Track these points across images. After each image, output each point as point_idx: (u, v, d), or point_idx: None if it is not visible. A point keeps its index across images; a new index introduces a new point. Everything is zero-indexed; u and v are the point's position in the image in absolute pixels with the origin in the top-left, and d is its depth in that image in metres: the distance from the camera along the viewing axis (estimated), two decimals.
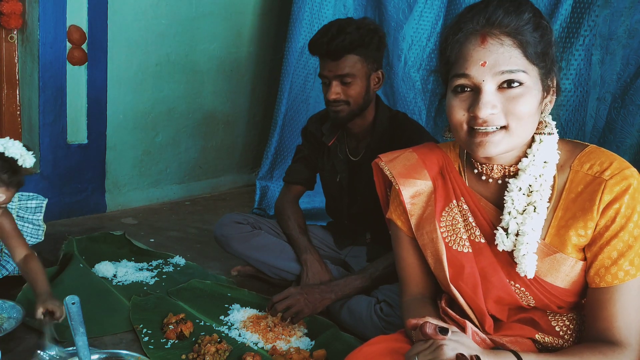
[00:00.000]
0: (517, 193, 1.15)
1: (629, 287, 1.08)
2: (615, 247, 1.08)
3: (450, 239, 1.23)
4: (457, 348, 1.00)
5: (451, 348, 0.99)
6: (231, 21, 3.49)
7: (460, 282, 1.20)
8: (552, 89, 1.15)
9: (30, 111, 2.86)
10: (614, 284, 1.09)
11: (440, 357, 0.98)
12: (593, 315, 1.12)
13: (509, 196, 1.15)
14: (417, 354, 1.01)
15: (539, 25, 1.09)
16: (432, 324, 1.03)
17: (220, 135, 3.67)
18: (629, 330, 1.08)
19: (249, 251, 2.20)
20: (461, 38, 1.11)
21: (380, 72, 2.02)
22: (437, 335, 1.01)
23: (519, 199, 1.15)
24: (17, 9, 2.72)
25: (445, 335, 1.01)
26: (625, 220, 1.07)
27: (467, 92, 1.11)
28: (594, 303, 1.12)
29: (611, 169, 1.09)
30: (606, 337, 1.09)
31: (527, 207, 1.14)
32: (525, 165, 1.14)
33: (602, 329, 1.10)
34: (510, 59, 1.07)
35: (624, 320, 1.08)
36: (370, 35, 1.94)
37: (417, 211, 1.27)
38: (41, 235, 2.24)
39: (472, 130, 1.11)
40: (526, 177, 1.14)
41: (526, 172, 1.14)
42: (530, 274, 1.13)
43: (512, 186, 1.15)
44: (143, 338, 1.78)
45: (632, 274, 1.07)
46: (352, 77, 1.94)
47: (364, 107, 2.01)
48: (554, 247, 1.14)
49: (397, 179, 1.28)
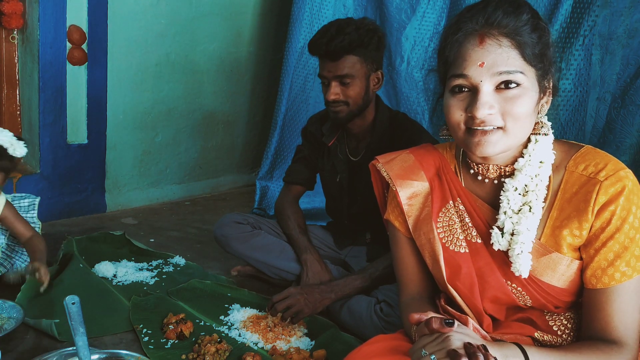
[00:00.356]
0: (513, 193, 1.15)
1: (626, 288, 1.09)
2: (612, 249, 1.09)
3: (447, 239, 1.24)
4: (464, 338, 1.00)
5: (458, 338, 0.99)
6: (231, 21, 3.49)
7: (457, 282, 1.21)
8: (549, 90, 1.16)
9: (30, 111, 2.86)
10: (611, 285, 1.09)
11: (449, 347, 0.98)
12: (590, 316, 1.13)
13: (505, 196, 1.16)
14: (423, 347, 1.00)
15: (537, 26, 1.10)
16: (438, 317, 1.03)
17: (220, 135, 3.67)
18: (626, 330, 1.09)
19: (249, 251, 2.20)
20: (460, 38, 1.11)
21: (380, 72, 2.02)
22: (444, 328, 1.01)
23: (514, 199, 1.15)
24: (18, 9, 2.72)
25: (452, 327, 1.01)
26: (621, 222, 1.08)
27: (465, 92, 1.12)
28: (591, 304, 1.12)
29: (606, 170, 1.10)
30: (603, 336, 1.10)
31: (523, 207, 1.15)
32: (521, 165, 1.15)
33: (599, 329, 1.10)
34: (508, 60, 1.07)
35: (621, 320, 1.09)
36: (369, 36, 1.93)
37: (414, 212, 1.28)
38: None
39: (470, 130, 1.12)
40: (522, 177, 1.15)
41: (522, 172, 1.15)
42: (524, 274, 1.14)
43: (508, 186, 1.16)
44: (143, 338, 1.78)
45: (628, 275, 1.08)
46: (351, 77, 1.94)
47: (364, 108, 2.01)
48: (549, 246, 1.15)
49: (394, 181, 1.29)
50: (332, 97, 1.96)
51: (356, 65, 1.94)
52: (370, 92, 2.01)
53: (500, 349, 1.04)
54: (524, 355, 1.04)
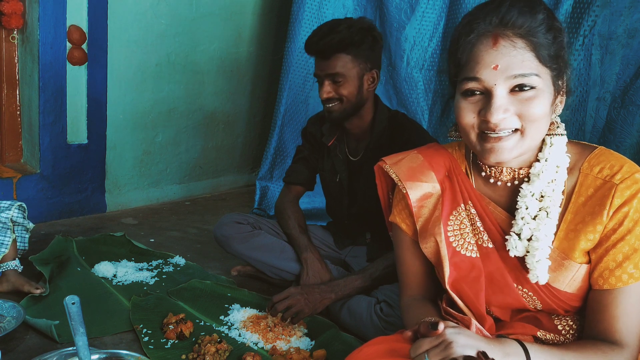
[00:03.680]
0: (531, 198, 1.12)
1: (632, 290, 1.08)
2: (621, 250, 1.07)
3: (457, 242, 1.21)
4: (465, 346, 0.98)
5: (460, 345, 0.97)
6: (231, 21, 3.49)
7: (464, 285, 1.19)
8: (563, 90, 1.13)
9: (30, 111, 2.86)
10: (617, 286, 1.08)
11: (450, 355, 0.96)
12: (594, 317, 1.11)
13: (523, 202, 1.13)
14: (426, 352, 0.99)
15: (552, 26, 1.07)
16: (426, 322, 1.01)
17: (220, 135, 3.67)
18: (629, 333, 1.08)
19: (249, 251, 2.20)
20: (473, 39, 1.07)
21: (375, 72, 2.00)
22: (431, 332, 0.99)
23: (532, 205, 1.12)
24: (18, 8, 2.71)
25: (437, 331, 0.99)
26: (633, 224, 1.06)
27: (478, 95, 1.08)
28: (596, 305, 1.11)
29: (622, 173, 1.08)
30: (606, 337, 1.09)
31: (540, 213, 1.12)
32: (538, 170, 1.12)
33: (602, 330, 1.09)
34: (522, 63, 1.04)
35: (625, 322, 1.08)
36: (361, 34, 1.92)
37: (424, 214, 1.24)
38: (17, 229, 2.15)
39: (484, 135, 1.08)
40: (539, 182, 1.12)
41: (539, 177, 1.12)
42: (542, 280, 1.12)
43: (525, 191, 1.13)
44: (143, 338, 1.78)
45: (635, 277, 1.07)
46: (343, 76, 1.94)
47: (358, 107, 2.01)
48: (561, 251, 1.13)
49: (403, 182, 1.25)
50: (324, 95, 1.97)
51: (348, 64, 1.93)
52: (365, 92, 2.00)
53: (502, 346, 1.02)
54: (525, 352, 1.02)
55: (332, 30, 1.91)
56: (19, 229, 2.12)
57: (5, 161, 2.93)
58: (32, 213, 2.59)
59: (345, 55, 1.93)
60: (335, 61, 1.93)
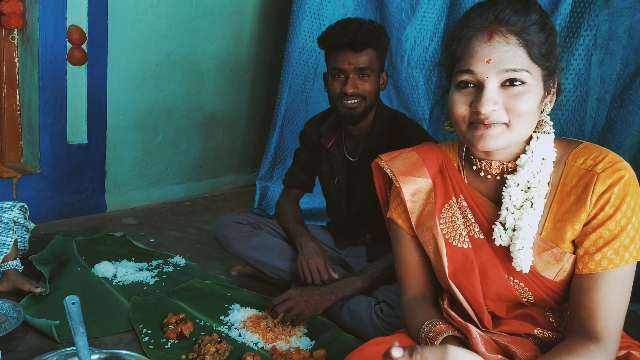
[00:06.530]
0: (515, 189, 1.16)
1: (612, 276, 1.09)
2: (601, 235, 1.10)
3: (450, 235, 1.25)
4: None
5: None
6: (231, 21, 3.49)
7: (460, 276, 1.22)
8: (553, 90, 1.17)
9: (30, 111, 2.86)
10: (597, 271, 1.10)
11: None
12: (576, 303, 1.13)
13: (507, 192, 1.17)
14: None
15: (545, 26, 1.11)
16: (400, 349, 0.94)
17: (220, 136, 3.67)
18: (609, 321, 1.08)
19: (249, 251, 2.20)
20: (468, 33, 1.12)
21: (385, 72, 2.03)
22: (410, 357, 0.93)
23: (516, 195, 1.16)
24: (18, 8, 2.71)
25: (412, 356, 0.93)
26: (614, 210, 1.09)
27: (471, 88, 1.13)
28: (577, 290, 1.13)
29: (604, 162, 1.11)
30: (588, 327, 1.08)
31: (525, 203, 1.15)
32: (523, 162, 1.16)
33: (584, 317, 1.09)
34: (514, 58, 1.08)
35: (606, 309, 1.08)
36: (384, 34, 1.97)
37: (417, 209, 1.29)
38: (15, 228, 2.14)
39: (473, 124, 1.13)
40: (524, 173, 1.15)
41: (524, 168, 1.15)
42: (525, 269, 1.14)
43: (510, 182, 1.17)
44: (143, 338, 1.78)
45: (615, 263, 1.08)
46: (370, 71, 1.95)
47: (373, 107, 2.02)
48: (550, 241, 1.15)
49: (397, 177, 1.30)
50: (350, 89, 1.94)
51: (374, 60, 1.95)
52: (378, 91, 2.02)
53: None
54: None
55: (362, 25, 1.91)
56: (20, 229, 2.13)
57: (5, 161, 2.93)
58: (32, 213, 2.58)
59: (373, 50, 1.94)
60: (366, 55, 1.93)
